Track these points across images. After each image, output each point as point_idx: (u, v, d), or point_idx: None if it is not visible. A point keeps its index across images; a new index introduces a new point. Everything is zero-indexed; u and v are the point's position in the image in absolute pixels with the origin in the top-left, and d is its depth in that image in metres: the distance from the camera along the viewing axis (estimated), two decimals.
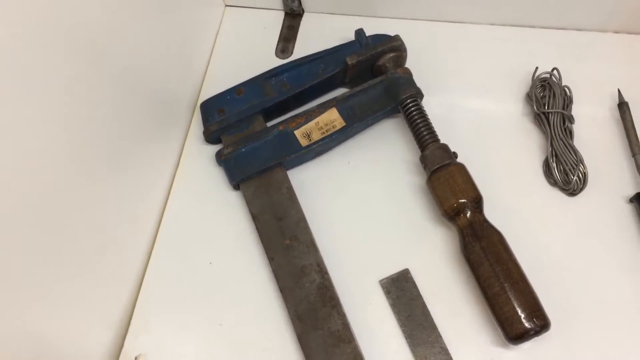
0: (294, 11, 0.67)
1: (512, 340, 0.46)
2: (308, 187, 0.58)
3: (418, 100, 0.56)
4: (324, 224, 0.56)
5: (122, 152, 0.52)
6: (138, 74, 0.53)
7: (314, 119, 0.57)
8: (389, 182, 0.57)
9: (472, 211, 0.50)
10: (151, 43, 0.55)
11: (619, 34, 0.61)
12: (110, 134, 0.50)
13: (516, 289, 0.46)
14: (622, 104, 0.55)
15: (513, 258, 0.48)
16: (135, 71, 0.53)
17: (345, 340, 0.50)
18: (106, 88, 0.49)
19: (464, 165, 0.52)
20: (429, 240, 0.54)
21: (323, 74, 0.59)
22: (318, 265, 0.53)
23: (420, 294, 0.52)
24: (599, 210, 0.53)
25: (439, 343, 0.50)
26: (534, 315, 0.46)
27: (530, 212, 0.54)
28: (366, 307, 0.52)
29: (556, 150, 0.54)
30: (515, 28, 0.62)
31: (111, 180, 0.51)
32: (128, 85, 0.52)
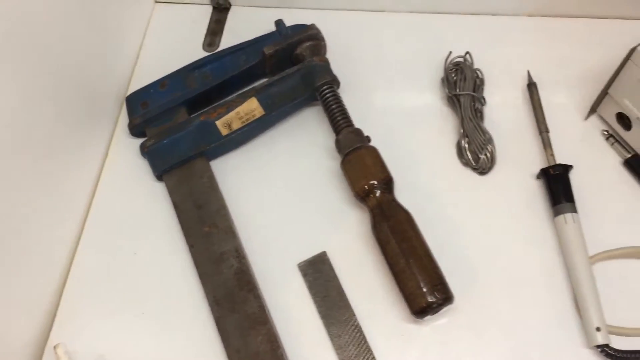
0: (221, 5, 0.68)
1: (416, 314, 0.48)
2: (231, 176, 0.59)
3: (334, 87, 0.58)
4: (245, 211, 0.57)
5: (45, 147, 0.53)
6: (62, 68, 0.54)
7: (234, 108, 0.58)
8: (309, 167, 0.58)
9: (382, 192, 0.52)
10: (76, 38, 0.56)
11: (532, 17, 0.62)
12: (33, 127, 0.51)
13: (419, 265, 0.48)
14: (531, 84, 0.57)
15: (419, 236, 0.50)
16: (59, 65, 0.54)
17: (260, 322, 0.51)
18: (27, 81, 0.49)
19: (375, 148, 0.54)
20: (346, 222, 0.55)
21: (244, 65, 0.60)
22: (236, 250, 0.54)
23: (336, 275, 0.53)
24: (509, 188, 0.55)
25: (352, 321, 0.51)
26: (435, 289, 0.47)
27: (444, 191, 0.56)
28: (284, 290, 0.53)
29: (467, 131, 0.55)
30: (433, 15, 0.64)
31: (34, 173, 0.51)
32: (51, 78, 0.53)
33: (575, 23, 0.61)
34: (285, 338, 0.51)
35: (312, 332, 0.51)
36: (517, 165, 0.56)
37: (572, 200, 0.51)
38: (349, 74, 0.62)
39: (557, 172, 0.52)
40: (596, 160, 0.55)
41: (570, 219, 0.50)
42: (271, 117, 0.58)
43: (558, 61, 0.60)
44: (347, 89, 0.61)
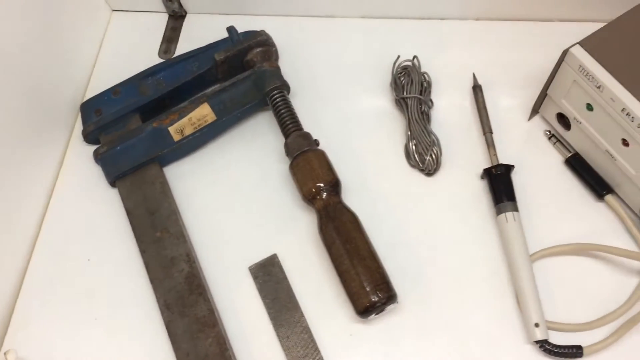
0: (176, 13, 0.69)
1: (360, 313, 0.48)
2: (185, 181, 0.60)
3: (284, 91, 0.58)
4: (198, 216, 0.58)
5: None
6: (15, 77, 0.55)
7: (187, 114, 0.59)
8: (262, 172, 0.59)
9: (328, 194, 0.52)
10: (31, 47, 0.57)
11: (479, 20, 0.64)
12: None
13: (363, 265, 0.49)
14: (476, 86, 0.58)
15: (363, 237, 0.50)
16: (12, 74, 0.54)
17: (209, 325, 0.51)
18: None
19: (322, 151, 0.55)
20: (296, 224, 0.56)
21: (197, 71, 0.61)
22: (187, 255, 0.54)
23: (286, 277, 0.54)
24: (455, 188, 0.56)
25: (301, 322, 0.52)
26: (378, 289, 0.48)
27: (392, 193, 0.57)
28: (235, 293, 0.54)
29: (413, 134, 0.56)
30: (384, 20, 0.65)
31: None
32: (3, 87, 0.53)
33: (520, 26, 0.63)
34: (235, 340, 0.52)
35: (262, 333, 0.52)
36: (463, 165, 0.57)
37: (514, 199, 0.52)
38: (301, 79, 0.63)
39: (499, 171, 0.53)
40: (539, 160, 0.56)
41: (511, 218, 0.51)
42: (223, 123, 0.59)
43: (504, 63, 0.61)
44: (299, 93, 0.63)
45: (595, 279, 0.51)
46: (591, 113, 0.49)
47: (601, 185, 0.52)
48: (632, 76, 0.46)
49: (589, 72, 0.47)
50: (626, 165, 0.49)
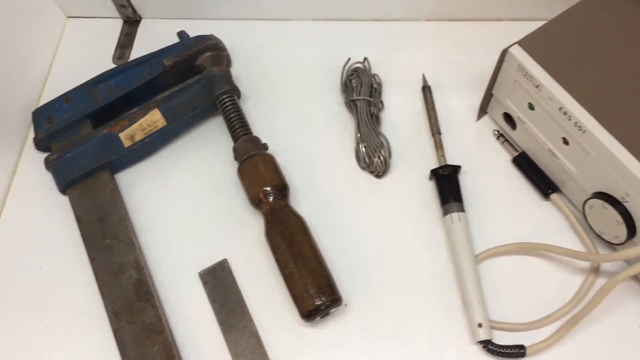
0: (130, 18, 0.68)
1: (304, 317, 0.48)
2: (137, 187, 0.59)
3: (234, 96, 0.58)
4: (150, 222, 0.57)
5: None
6: None
7: (137, 120, 0.59)
8: (213, 177, 0.59)
9: (275, 198, 0.52)
10: None
11: (430, 21, 0.64)
12: None
13: (307, 269, 0.49)
14: (425, 87, 0.58)
15: (309, 240, 0.50)
16: None
17: (157, 331, 0.51)
18: None
19: (270, 155, 0.55)
20: (247, 229, 0.56)
21: (147, 77, 0.61)
22: (135, 261, 0.54)
23: (236, 282, 0.54)
24: (405, 189, 0.56)
25: (249, 327, 0.52)
26: (321, 292, 0.48)
27: (343, 195, 0.57)
28: (185, 299, 0.54)
29: (363, 136, 0.56)
30: (337, 22, 0.65)
31: None
32: None
33: (471, 26, 0.63)
34: (184, 346, 0.52)
35: (211, 339, 0.52)
36: (413, 167, 0.57)
37: (460, 199, 0.52)
38: (254, 82, 0.63)
39: (446, 172, 0.53)
40: (488, 160, 0.56)
41: (457, 218, 0.51)
42: (173, 128, 0.59)
43: (455, 63, 0.61)
44: (252, 97, 0.62)
45: (541, 278, 0.51)
46: (533, 112, 0.50)
47: (546, 184, 0.53)
48: (569, 75, 0.46)
49: (528, 72, 0.47)
50: (567, 163, 0.49)
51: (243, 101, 0.62)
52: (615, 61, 0.46)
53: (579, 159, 0.47)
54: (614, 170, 0.44)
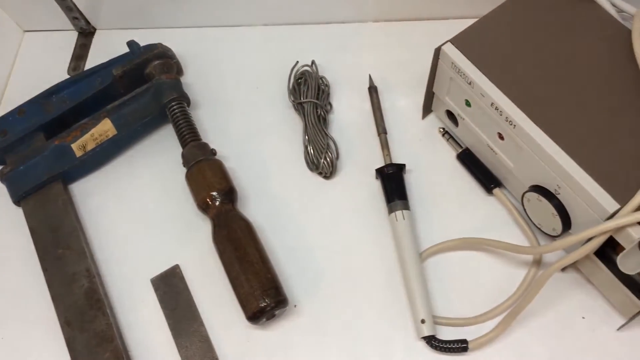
0: (84, 30, 0.69)
1: (249, 319, 0.49)
2: (91, 197, 0.60)
3: (183, 103, 0.59)
4: (104, 231, 0.58)
5: None
6: None
7: (89, 130, 0.59)
8: (165, 184, 0.59)
9: (221, 202, 0.53)
10: None
11: (377, 22, 0.64)
12: None
13: (252, 271, 0.49)
14: (371, 88, 0.59)
15: (254, 243, 0.51)
16: None
17: (108, 339, 0.52)
18: None
19: (217, 160, 0.55)
20: (198, 235, 0.56)
21: (99, 87, 0.61)
22: (87, 270, 0.55)
23: (187, 287, 0.54)
24: (353, 189, 0.57)
25: (199, 332, 0.52)
26: (265, 294, 0.48)
27: (294, 198, 0.57)
28: (138, 306, 0.54)
29: (310, 138, 0.57)
30: (287, 26, 0.66)
31: None
32: None
33: (418, 25, 0.64)
34: (136, 351, 0.52)
35: (162, 344, 0.52)
36: (361, 167, 0.57)
37: (405, 197, 0.53)
38: (207, 89, 0.64)
39: (390, 171, 0.54)
40: (435, 157, 0.57)
41: (401, 216, 0.51)
42: (124, 137, 0.59)
43: (402, 63, 0.62)
44: (204, 104, 0.63)
45: (486, 272, 0.51)
46: (470, 109, 0.50)
47: (489, 180, 0.53)
48: (499, 71, 0.47)
49: (460, 69, 0.47)
50: (505, 158, 0.49)
51: (195, 108, 0.63)
52: (542, 57, 0.47)
53: (514, 154, 0.48)
54: (545, 163, 0.44)
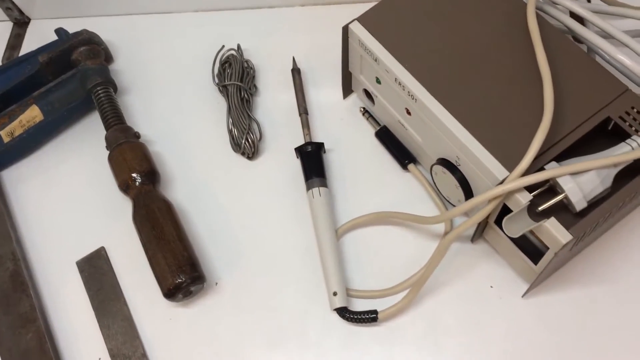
0: (19, 20, 0.70)
1: (166, 295, 0.50)
2: (20, 184, 0.60)
3: (109, 88, 0.60)
4: (31, 216, 0.58)
5: None
6: None
7: (17, 117, 0.60)
8: (92, 169, 0.60)
9: (142, 183, 0.54)
10: None
11: (304, 6, 0.65)
12: None
13: (167, 249, 0.50)
14: (294, 70, 0.60)
15: (172, 222, 0.51)
16: None
17: (30, 320, 0.52)
18: None
19: (140, 143, 0.56)
20: (123, 217, 0.57)
21: (27, 74, 0.62)
22: (12, 254, 0.55)
23: (112, 269, 0.55)
24: (276, 169, 0.58)
25: (122, 312, 0.53)
26: (181, 271, 0.49)
27: (218, 179, 0.58)
28: (63, 288, 0.55)
29: (234, 120, 0.58)
30: (217, 12, 0.67)
31: None
32: None
33: (343, 8, 0.65)
34: (60, 333, 0.53)
35: (86, 325, 0.53)
36: (284, 148, 0.58)
37: (322, 175, 0.54)
38: (136, 76, 0.65)
39: (309, 149, 0.55)
40: (356, 136, 0.58)
41: (317, 193, 0.52)
42: (51, 122, 0.60)
43: (327, 46, 0.62)
44: (134, 90, 0.64)
45: (400, 246, 0.52)
46: (380, 86, 0.51)
47: (404, 156, 0.54)
48: (401, 47, 0.48)
49: (367, 46, 0.48)
50: (414, 133, 0.51)
51: (125, 94, 0.64)
52: (444, 33, 0.48)
53: (420, 128, 0.49)
54: (444, 134, 0.45)
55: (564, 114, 0.44)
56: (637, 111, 0.43)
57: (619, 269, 0.50)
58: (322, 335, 0.50)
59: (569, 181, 0.40)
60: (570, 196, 0.40)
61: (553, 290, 0.50)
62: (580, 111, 0.43)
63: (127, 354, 0.51)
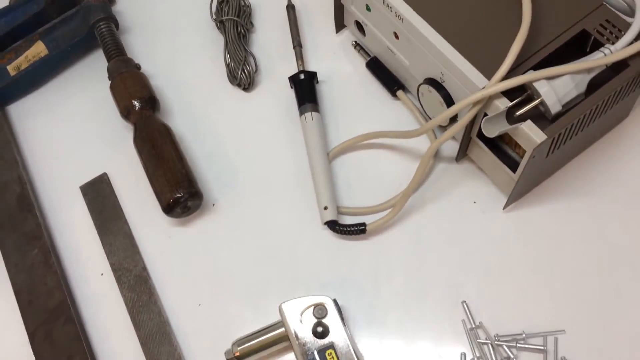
0: None
1: (164, 210, 0.52)
2: (26, 118, 0.63)
3: (110, 23, 0.62)
4: (37, 145, 0.61)
5: None
6: None
7: (23, 52, 0.62)
8: (96, 102, 0.62)
9: (142, 109, 0.56)
10: None
11: None
12: None
13: (166, 167, 0.52)
14: (289, 6, 0.62)
15: (171, 143, 0.54)
16: None
17: (36, 237, 0.55)
18: None
19: (140, 72, 0.59)
20: (124, 144, 0.59)
21: (33, 12, 0.64)
22: (19, 178, 0.58)
23: (114, 192, 0.58)
24: (271, 99, 0.60)
25: (123, 230, 0.56)
26: (179, 186, 0.51)
27: (215, 110, 0.61)
28: (67, 211, 0.58)
29: (230, 53, 0.60)
30: None
31: None
32: None
33: None
34: (64, 251, 0.56)
35: (89, 243, 0.56)
36: (279, 80, 0.61)
37: (315, 100, 0.56)
38: (138, 15, 0.67)
39: (302, 77, 0.57)
40: (346, 68, 0.60)
41: (310, 117, 0.55)
42: (56, 56, 0.62)
43: None
44: (135, 29, 0.66)
45: (389, 168, 0.55)
46: (370, 13, 0.53)
47: (393, 82, 0.56)
48: None
49: None
50: (401, 57, 0.53)
51: (126, 33, 0.66)
52: None
53: (407, 50, 0.51)
54: (429, 51, 0.48)
55: (541, 27, 0.46)
56: (611, 24, 0.45)
57: (598, 184, 0.52)
58: (313, 250, 0.53)
59: (544, 85, 0.42)
60: (546, 99, 0.42)
61: (534, 204, 0.52)
62: (556, 24, 0.46)
63: (129, 268, 0.54)
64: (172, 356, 0.49)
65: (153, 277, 0.54)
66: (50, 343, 0.51)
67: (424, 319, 0.49)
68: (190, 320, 0.51)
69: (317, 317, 0.47)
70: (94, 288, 0.54)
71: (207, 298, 0.52)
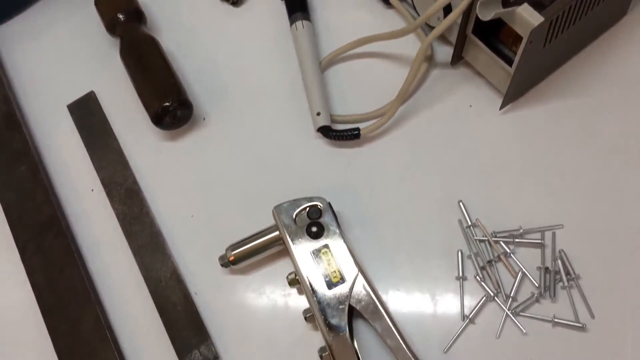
0: None
1: (153, 119, 0.51)
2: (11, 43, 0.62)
3: None
4: (24, 68, 0.60)
5: None
6: None
7: None
8: (83, 23, 0.61)
9: (128, 21, 0.55)
10: None
11: None
12: None
13: (154, 77, 0.51)
14: None
15: (158, 53, 0.53)
16: None
17: (23, 154, 0.54)
18: None
19: None
20: (112, 62, 0.58)
21: None
22: (4, 97, 0.57)
23: (102, 110, 0.57)
24: (261, 13, 0.59)
25: (113, 145, 0.55)
26: (167, 94, 0.50)
27: (204, 28, 0.59)
28: (55, 129, 0.56)
29: None
30: None
31: None
32: None
33: None
34: (54, 169, 0.55)
35: (79, 160, 0.55)
36: None
37: (305, 9, 0.55)
38: None
39: None
40: None
41: (301, 26, 0.53)
42: None
43: None
44: None
45: (382, 76, 0.54)
46: None
47: None
48: None
49: None
50: None
51: None
52: None
53: None
54: None
55: None
56: None
57: (595, 83, 0.51)
58: (307, 159, 0.52)
59: None
60: None
61: (530, 105, 0.51)
62: None
63: (119, 182, 0.53)
64: (166, 264, 0.49)
65: (145, 191, 0.53)
66: (41, 256, 0.50)
67: (420, 221, 0.48)
68: (184, 231, 0.51)
69: (311, 219, 0.46)
70: (84, 204, 0.53)
71: (200, 209, 0.51)
